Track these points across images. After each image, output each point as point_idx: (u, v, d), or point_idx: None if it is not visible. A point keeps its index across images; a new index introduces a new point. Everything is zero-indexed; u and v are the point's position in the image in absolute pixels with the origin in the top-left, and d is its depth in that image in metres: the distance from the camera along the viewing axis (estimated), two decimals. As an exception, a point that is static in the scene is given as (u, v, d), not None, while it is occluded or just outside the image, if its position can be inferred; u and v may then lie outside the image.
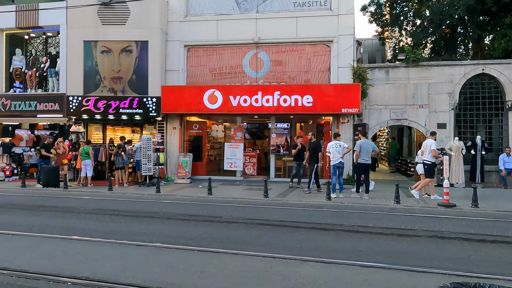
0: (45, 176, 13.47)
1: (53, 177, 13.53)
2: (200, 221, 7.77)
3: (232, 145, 15.25)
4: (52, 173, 13.60)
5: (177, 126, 15.66)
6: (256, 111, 14.54)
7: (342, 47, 14.44)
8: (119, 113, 15.07)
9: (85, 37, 15.38)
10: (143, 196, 11.63)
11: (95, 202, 10.47)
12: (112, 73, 15.40)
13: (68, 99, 15.24)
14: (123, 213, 8.63)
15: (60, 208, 9.37)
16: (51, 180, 13.44)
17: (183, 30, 15.52)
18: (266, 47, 15.18)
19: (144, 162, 14.20)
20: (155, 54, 15.13)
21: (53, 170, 13.71)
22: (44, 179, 13.42)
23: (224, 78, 15.48)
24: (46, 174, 13.49)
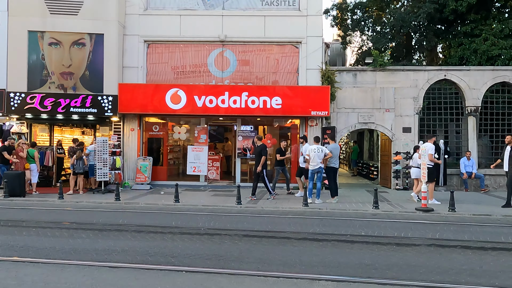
0: (10, 183, 11.43)
1: (19, 185, 11.62)
2: (176, 233, 6.91)
3: (195, 148, 14.36)
4: (18, 180, 11.67)
5: (135, 127, 14.46)
6: (222, 113, 13.79)
7: (310, 49, 14.16)
8: (70, 113, 13.59)
9: (30, 27, 13.72)
10: (101, 205, 10.42)
11: (46, 213, 9.12)
12: (62, 68, 13.87)
13: (9, 96, 13.47)
14: (82, 226, 7.49)
15: (3, 221, 7.98)
16: (16, 188, 11.51)
17: (143, 24, 14.39)
18: (232, 46, 14.51)
19: (99, 167, 12.88)
20: (112, 49, 13.86)
21: (19, 176, 11.74)
22: (9, 187, 11.38)
23: (188, 77, 14.57)
24: (11, 182, 11.50)
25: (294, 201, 11.11)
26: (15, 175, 11.74)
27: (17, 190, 11.53)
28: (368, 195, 12.35)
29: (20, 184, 11.67)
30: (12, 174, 11.75)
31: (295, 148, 14.71)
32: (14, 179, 11.60)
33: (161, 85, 14.01)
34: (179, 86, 13.79)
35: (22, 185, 11.71)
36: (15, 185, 11.52)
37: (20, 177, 11.76)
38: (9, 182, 11.45)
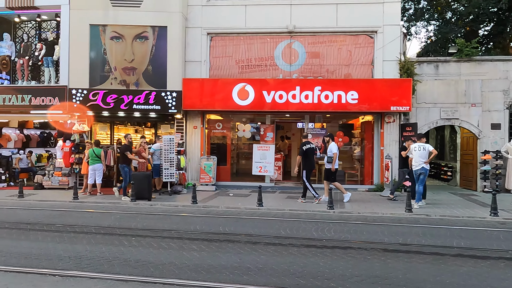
0: (137, 186, 10.56)
1: (147, 188, 10.77)
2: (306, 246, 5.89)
3: (261, 147, 13.44)
4: (146, 182, 10.81)
5: (198, 125, 13.69)
6: (293, 109, 12.83)
7: (387, 39, 12.99)
8: (133, 109, 12.95)
9: (91, 21, 13.14)
10: (180, 209, 9.64)
11: (129, 218, 8.36)
12: (124, 63, 13.24)
13: (71, 93, 12.95)
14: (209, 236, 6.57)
15: (93, 227, 7.27)
16: (144, 191, 10.65)
17: (206, 16, 13.59)
18: (301, 37, 13.51)
19: (166, 167, 12.16)
20: (175, 42, 13.12)
21: (147, 178, 10.89)
22: (136, 189, 10.51)
23: (253, 71, 13.67)
24: (139, 184, 10.58)
25: (384, 204, 10.00)
26: (144, 177, 10.88)
27: (145, 193, 10.65)
28: (458, 198, 11.19)
29: (149, 186, 10.82)
30: (140, 176, 10.92)
31: (369, 148, 13.58)
32: (142, 181, 10.71)
33: (228, 79, 13.18)
34: (246, 81, 12.91)
35: (150, 187, 10.90)
36: (143, 187, 10.66)
37: (149, 180, 10.92)
38: (137, 184, 10.55)
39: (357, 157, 14.46)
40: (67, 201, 10.63)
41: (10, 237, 6.46)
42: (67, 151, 13.17)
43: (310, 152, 10.76)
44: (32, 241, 6.18)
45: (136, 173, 11.16)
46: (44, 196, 11.49)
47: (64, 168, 13.17)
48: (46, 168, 13.58)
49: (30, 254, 5.48)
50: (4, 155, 13.97)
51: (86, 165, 12.26)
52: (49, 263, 5.07)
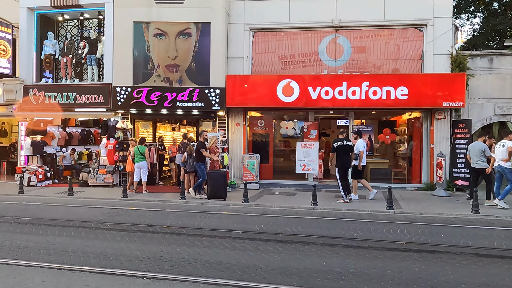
0: (213, 184, 10.30)
1: (223, 186, 10.43)
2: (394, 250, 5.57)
3: (305, 144, 13.14)
4: (223, 180, 10.46)
5: (240, 122, 13.50)
6: (339, 105, 12.49)
7: (438, 32, 12.47)
8: (176, 107, 12.86)
9: (135, 18, 13.11)
10: (232, 207, 9.47)
11: (187, 217, 8.22)
12: (168, 60, 13.17)
13: (115, 90, 12.96)
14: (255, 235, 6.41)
15: (156, 226, 7.15)
16: (220, 190, 10.33)
17: (249, 11, 13.36)
18: (346, 32, 13.12)
19: (211, 165, 12.00)
20: (218, 38, 12.94)
21: (223, 177, 10.52)
22: (211, 188, 10.30)
23: (297, 67, 13.38)
24: (215, 183, 10.30)
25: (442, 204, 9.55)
26: (220, 175, 10.52)
27: (221, 191, 10.32)
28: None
29: (225, 185, 10.51)
30: (216, 174, 10.56)
31: (417, 145, 13.11)
32: (218, 179, 10.39)
33: (272, 76, 12.94)
34: (291, 77, 12.64)
35: (226, 186, 10.56)
36: (219, 186, 10.33)
37: (225, 178, 10.59)
38: (213, 182, 10.28)
39: (402, 155, 14.00)
40: (117, 199, 10.61)
41: (79, 236, 6.40)
42: (111, 149, 13.21)
43: (342, 150, 10.27)
44: (103, 240, 6.10)
45: (212, 171, 10.88)
46: (92, 194, 11.53)
47: (108, 166, 13.22)
48: (90, 165, 13.66)
49: (106, 254, 5.37)
50: (49, 152, 14.14)
51: (131, 163, 12.24)
52: (131, 264, 4.95)
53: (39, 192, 11.91)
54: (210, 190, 10.27)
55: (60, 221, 7.58)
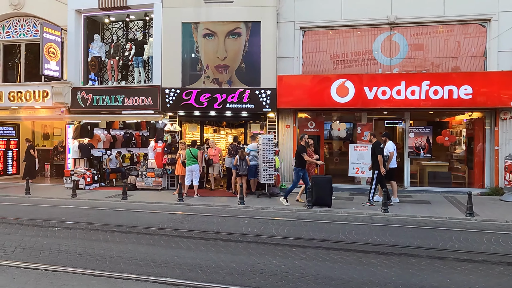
0: (317, 190, 9.46)
1: (329, 193, 9.55)
2: None
3: (358, 146, 12.59)
4: (328, 187, 9.53)
5: (291, 124, 13.09)
6: (397, 105, 11.92)
7: (503, 27, 11.77)
8: (226, 109, 12.56)
9: (184, 18, 12.88)
10: (295, 213, 9.05)
11: (259, 224, 7.82)
12: (217, 60, 12.88)
13: (164, 92, 12.75)
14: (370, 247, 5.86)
15: (238, 235, 6.78)
16: (326, 196, 9.48)
17: (299, 9, 12.94)
18: (402, 29, 12.55)
19: (264, 168, 11.64)
20: (269, 38, 12.59)
21: (329, 183, 9.60)
22: (315, 194, 9.45)
23: (349, 66, 12.88)
24: (319, 188, 9.47)
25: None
26: (325, 181, 9.60)
27: (326, 199, 9.48)
28: None
29: (330, 191, 9.59)
30: (321, 180, 9.68)
31: (479, 148, 12.41)
32: (323, 185, 9.50)
33: (326, 75, 12.48)
34: (346, 76, 12.15)
35: (331, 193, 9.63)
36: (325, 192, 9.47)
37: (330, 183, 9.65)
38: (317, 188, 9.44)
39: (459, 158, 13.31)
40: (173, 203, 10.35)
41: (159, 245, 6.09)
42: (159, 152, 13.00)
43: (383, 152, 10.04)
44: (187, 250, 5.76)
45: (316, 176, 10.27)
46: (144, 197, 11.32)
47: (156, 169, 13.01)
48: (138, 168, 13.49)
49: (200, 266, 5.03)
50: (96, 155, 14.05)
51: (181, 166, 11.99)
52: (234, 278, 4.58)
53: (90, 196, 11.78)
54: (314, 196, 9.50)
55: (130, 227, 7.32)
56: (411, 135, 12.69)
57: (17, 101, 13.81)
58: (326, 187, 9.53)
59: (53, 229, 7.11)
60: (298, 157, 9.92)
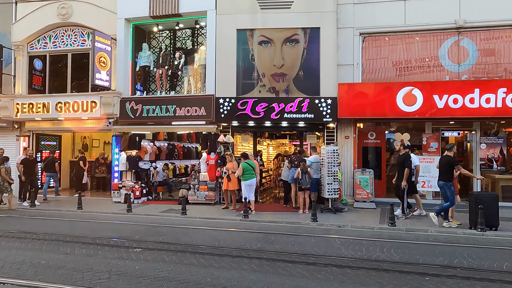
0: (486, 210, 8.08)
1: (496, 212, 8.22)
2: None
3: (424, 158, 11.82)
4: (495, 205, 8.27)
5: (350, 134, 12.38)
6: (470, 114, 11.12)
7: None
8: (283, 119, 11.94)
9: (239, 25, 12.39)
10: (378, 232, 8.29)
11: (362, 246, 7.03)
12: (273, 68, 12.32)
13: (218, 102, 12.20)
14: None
15: (350, 259, 6.01)
16: (493, 217, 8.16)
17: (358, 15, 12.34)
18: (471, 33, 11.83)
19: (329, 181, 10.93)
20: (328, 44, 12.00)
21: (495, 200, 8.32)
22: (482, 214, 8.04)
23: (413, 74, 12.17)
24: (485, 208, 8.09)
25: None
26: (492, 198, 8.30)
27: (493, 219, 8.16)
28: None
29: (497, 210, 8.26)
30: (487, 197, 8.34)
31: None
32: (491, 202, 8.21)
33: (391, 83, 11.80)
34: (413, 84, 11.44)
35: (498, 211, 8.27)
36: (492, 212, 8.16)
37: (497, 200, 8.35)
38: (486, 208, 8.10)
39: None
40: (238, 220, 9.70)
41: (267, 271, 5.34)
42: (212, 164, 12.40)
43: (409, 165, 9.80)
44: (310, 279, 5.02)
45: (481, 193, 9.36)
46: (201, 213, 10.70)
47: (209, 182, 12.40)
48: (190, 181, 12.90)
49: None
50: (143, 168, 13.52)
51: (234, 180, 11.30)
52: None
53: (143, 210, 11.23)
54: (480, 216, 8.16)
55: (216, 248, 6.65)
56: (483, 146, 11.86)
57: (65, 112, 13.42)
58: (493, 205, 8.26)
59: (134, 250, 6.49)
60: (447, 171, 8.79)
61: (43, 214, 10.80)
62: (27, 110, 13.79)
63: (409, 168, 9.69)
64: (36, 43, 14.58)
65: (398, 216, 9.80)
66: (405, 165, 9.61)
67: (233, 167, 11.15)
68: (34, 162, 12.69)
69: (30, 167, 12.32)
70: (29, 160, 12.37)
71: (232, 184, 11.34)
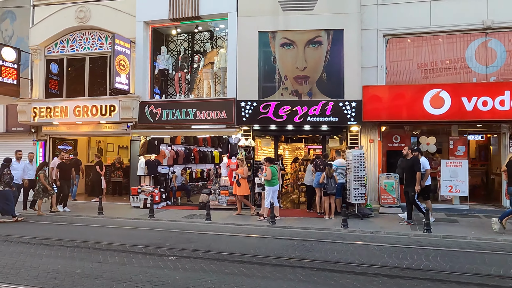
0: None
1: None
2: None
3: (451, 162, 11.49)
4: None
5: (375, 138, 12.11)
6: (500, 117, 10.86)
7: None
8: (306, 122, 11.70)
9: (260, 27, 12.20)
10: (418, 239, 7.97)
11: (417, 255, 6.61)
12: (296, 71, 12.10)
13: (240, 105, 11.99)
14: None
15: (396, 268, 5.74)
16: None
17: (382, 16, 12.10)
18: (499, 34, 11.56)
19: (355, 186, 10.68)
20: (352, 46, 11.77)
21: None
22: None
23: (439, 76, 11.90)
24: None
25: None
26: None
27: None
28: None
29: None
30: None
31: None
32: None
33: (417, 85, 11.56)
34: (441, 86, 11.17)
35: None
36: None
37: None
38: None
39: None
40: (265, 226, 9.45)
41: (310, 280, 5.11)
42: (233, 168, 12.14)
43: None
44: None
45: None
46: (224, 218, 10.47)
47: (230, 187, 12.15)
48: (210, 186, 12.67)
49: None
50: (162, 172, 13.31)
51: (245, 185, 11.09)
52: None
53: (164, 216, 11.02)
54: None
55: (254, 256, 6.38)
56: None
57: (83, 116, 13.26)
58: None
59: (169, 258, 6.25)
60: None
61: (64, 219, 10.60)
62: (44, 114, 13.64)
63: (420, 172, 9.44)
64: (53, 46, 14.46)
65: (406, 220, 9.72)
66: (415, 169, 9.39)
67: (243, 172, 10.98)
68: (70, 166, 12.44)
69: (66, 171, 12.10)
70: (65, 164, 12.10)
71: (241, 189, 11.14)
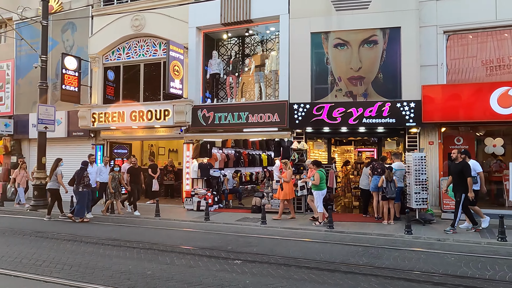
0: None
1: None
2: None
3: (522, 165, 10.64)
4: None
5: (435, 140, 11.52)
6: None
7: None
8: (361, 124, 11.35)
9: (313, 28, 12.02)
10: (499, 249, 7.42)
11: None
12: (350, 72, 11.80)
13: (292, 108, 11.86)
14: None
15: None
16: None
17: (442, 12, 11.51)
18: None
19: (416, 190, 10.18)
20: (411, 45, 11.29)
21: None
22: None
23: (506, 73, 11.12)
24: None
25: None
26: None
27: None
28: None
29: None
30: None
31: None
32: None
33: (482, 84, 10.92)
34: (510, 84, 10.42)
35: None
36: None
37: None
38: None
39: None
40: (322, 231, 9.23)
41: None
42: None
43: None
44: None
45: None
46: (279, 222, 10.39)
47: (282, 190, 12.00)
48: (263, 190, 12.63)
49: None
50: (214, 175, 13.44)
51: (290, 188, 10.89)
52: None
53: (218, 218, 11.08)
54: None
55: (321, 262, 6.19)
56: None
57: (138, 121, 13.71)
58: None
59: (234, 262, 6.24)
60: None
61: (124, 221, 10.97)
62: (103, 119, 14.25)
63: (471, 177, 8.77)
64: (110, 54, 15.10)
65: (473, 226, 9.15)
66: (466, 175, 8.74)
67: (286, 175, 10.81)
68: (140, 170, 12.57)
69: (136, 175, 12.25)
70: (134, 168, 12.31)
71: (284, 193, 10.96)
